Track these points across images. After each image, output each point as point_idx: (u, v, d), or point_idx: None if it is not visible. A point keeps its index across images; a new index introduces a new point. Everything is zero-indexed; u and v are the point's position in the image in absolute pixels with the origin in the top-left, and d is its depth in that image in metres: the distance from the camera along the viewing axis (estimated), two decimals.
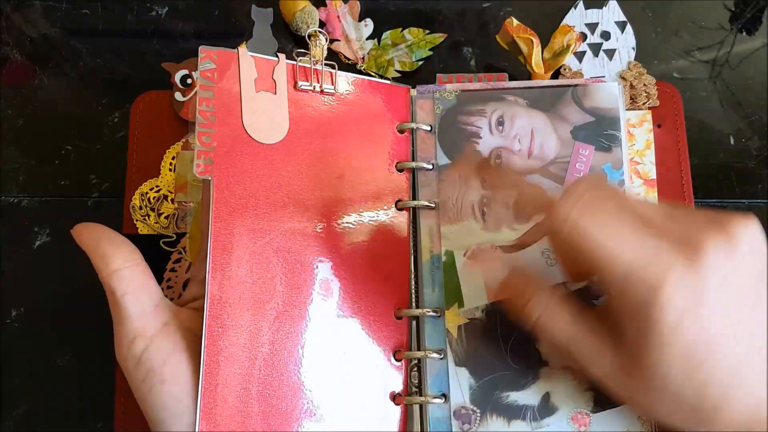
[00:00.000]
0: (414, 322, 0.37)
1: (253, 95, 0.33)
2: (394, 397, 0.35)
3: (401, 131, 0.38)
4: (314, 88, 0.35)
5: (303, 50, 0.36)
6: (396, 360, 0.36)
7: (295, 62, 0.35)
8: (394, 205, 0.37)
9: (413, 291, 0.37)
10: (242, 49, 0.33)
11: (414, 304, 0.37)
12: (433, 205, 0.37)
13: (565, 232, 0.27)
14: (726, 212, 0.27)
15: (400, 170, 0.38)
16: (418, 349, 0.36)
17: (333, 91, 0.36)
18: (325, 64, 0.36)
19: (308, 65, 0.35)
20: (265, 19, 0.44)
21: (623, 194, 0.30)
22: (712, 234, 0.26)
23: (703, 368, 0.26)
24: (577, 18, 0.44)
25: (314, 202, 0.35)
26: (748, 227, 0.27)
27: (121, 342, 0.29)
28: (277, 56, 0.35)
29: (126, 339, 0.29)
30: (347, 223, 0.36)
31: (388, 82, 0.39)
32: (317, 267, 0.34)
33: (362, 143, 0.37)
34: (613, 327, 0.28)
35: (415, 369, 0.36)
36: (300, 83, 0.35)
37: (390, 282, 0.36)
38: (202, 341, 0.30)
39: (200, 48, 0.32)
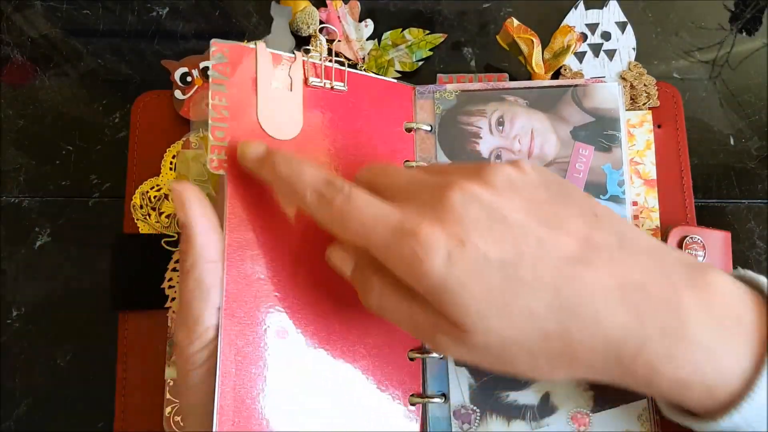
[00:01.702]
0: None
1: (269, 91, 0.33)
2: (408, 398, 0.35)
3: (408, 130, 0.38)
4: (324, 85, 0.35)
5: (308, 47, 0.36)
6: (410, 359, 0.36)
7: (305, 58, 0.35)
8: None
9: None
10: (261, 44, 0.33)
11: None
12: None
13: (326, 220, 0.28)
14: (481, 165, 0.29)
15: None
16: (419, 349, 0.36)
17: (343, 88, 0.36)
18: (335, 62, 0.36)
19: (318, 62, 0.35)
20: (284, 15, 0.44)
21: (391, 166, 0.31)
22: (459, 179, 0.27)
23: (512, 297, 0.25)
24: (577, 18, 0.44)
25: None
26: (500, 169, 0.28)
27: (193, 328, 0.29)
28: (294, 53, 0.34)
29: (198, 327, 0.29)
30: None
31: (394, 81, 0.39)
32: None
33: (371, 141, 0.37)
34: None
35: None
36: (311, 80, 0.35)
37: None
38: (219, 340, 0.30)
39: (212, 41, 0.32)
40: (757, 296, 0.27)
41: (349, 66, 0.42)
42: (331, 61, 0.35)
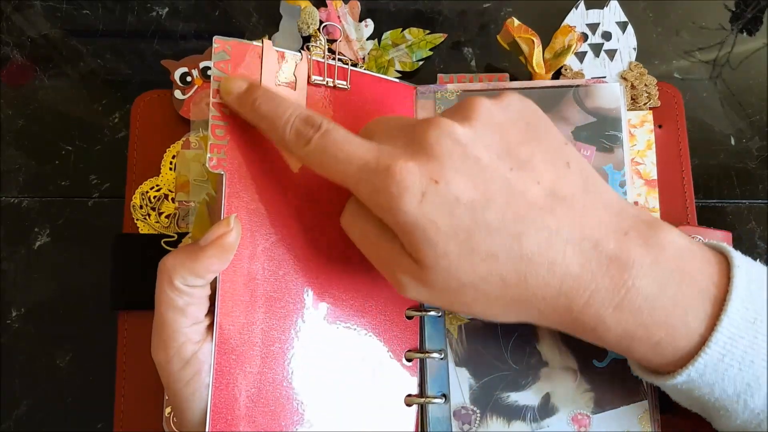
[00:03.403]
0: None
1: (273, 89, 0.33)
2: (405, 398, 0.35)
3: None
4: (327, 84, 0.35)
5: (313, 44, 0.36)
6: (407, 360, 0.36)
7: (309, 56, 0.35)
8: None
9: None
10: (267, 42, 0.33)
11: None
12: None
13: (304, 156, 0.28)
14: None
15: None
16: (419, 349, 0.36)
17: (345, 86, 0.36)
18: (338, 59, 0.36)
19: (321, 59, 0.35)
20: (293, 14, 0.43)
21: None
22: (439, 116, 0.27)
23: (477, 239, 0.26)
24: (578, 18, 0.44)
25: (326, 198, 0.34)
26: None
27: (169, 345, 0.29)
28: (300, 52, 0.34)
29: (175, 342, 0.29)
30: None
31: (396, 80, 0.39)
32: (330, 263, 0.34)
33: None
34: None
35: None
36: (314, 77, 0.35)
37: None
38: (213, 339, 0.30)
39: (214, 38, 0.32)
40: (720, 258, 0.28)
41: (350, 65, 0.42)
42: (334, 58, 0.35)
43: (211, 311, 0.30)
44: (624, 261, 0.26)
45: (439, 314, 0.36)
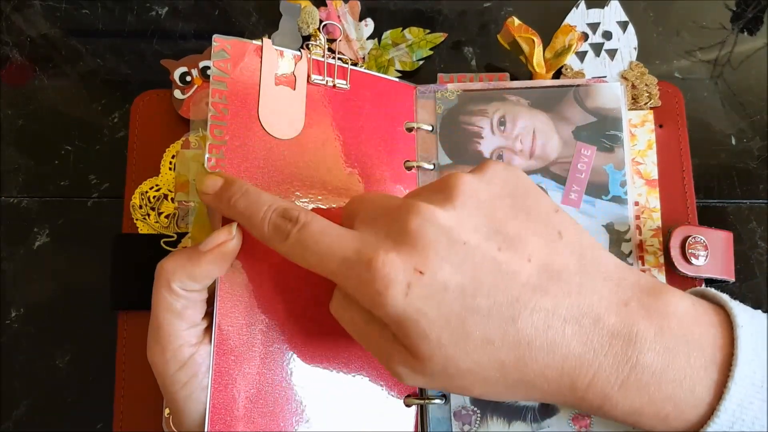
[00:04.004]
0: None
1: (272, 89, 0.33)
2: (404, 399, 0.35)
3: (409, 130, 0.38)
4: (327, 83, 0.35)
5: (311, 43, 0.36)
6: None
7: (309, 55, 0.34)
8: None
9: None
10: (267, 41, 0.33)
11: None
12: None
13: (284, 251, 0.27)
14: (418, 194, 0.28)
15: (408, 168, 0.38)
16: None
17: (345, 86, 0.36)
18: (338, 59, 0.35)
19: (321, 58, 0.35)
20: (293, 13, 0.43)
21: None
22: (419, 201, 0.26)
23: (470, 325, 0.25)
24: (578, 18, 0.44)
25: (325, 198, 0.34)
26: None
27: (166, 348, 0.29)
28: (300, 51, 0.34)
29: (172, 345, 0.29)
30: None
31: (396, 80, 0.39)
32: None
33: (372, 140, 0.36)
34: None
35: None
36: (313, 77, 0.34)
37: None
38: (212, 339, 0.29)
39: (214, 37, 0.31)
40: (720, 314, 0.27)
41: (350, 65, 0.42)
42: (334, 58, 0.35)
43: (208, 313, 0.30)
44: (627, 335, 0.25)
45: None
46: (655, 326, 0.25)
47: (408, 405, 0.35)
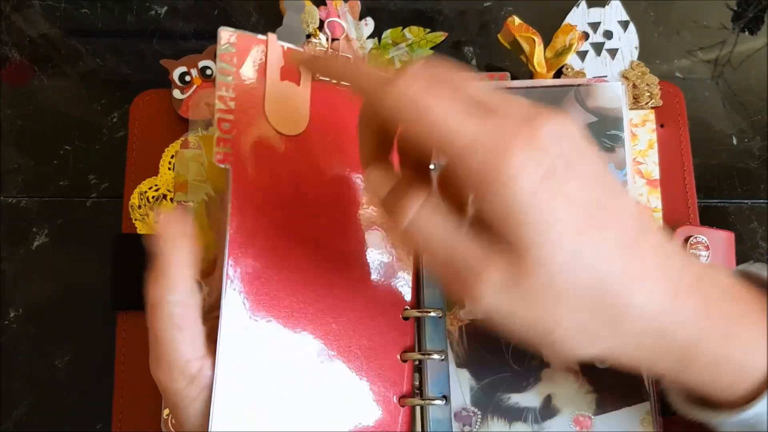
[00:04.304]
0: (416, 323, 0.37)
1: (277, 84, 0.33)
2: (399, 399, 0.35)
3: None
4: (331, 79, 0.35)
5: (314, 39, 0.35)
6: (402, 361, 0.36)
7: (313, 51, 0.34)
8: None
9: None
10: (272, 36, 0.32)
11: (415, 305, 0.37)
12: None
13: (401, 107, 0.24)
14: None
15: None
16: (419, 351, 0.36)
17: (347, 84, 0.35)
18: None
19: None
20: (297, 9, 0.43)
21: (461, 76, 0.26)
22: (545, 116, 0.24)
23: (587, 241, 0.23)
24: (579, 17, 0.44)
25: (329, 195, 0.34)
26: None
27: (174, 365, 0.28)
28: (304, 48, 0.34)
29: (179, 362, 0.28)
30: (360, 216, 0.35)
31: None
32: (332, 261, 0.34)
33: None
34: (491, 236, 0.24)
35: (416, 370, 0.36)
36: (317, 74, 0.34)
37: (398, 279, 0.36)
38: (218, 338, 0.29)
39: (220, 29, 0.31)
40: (760, 293, 0.27)
41: None
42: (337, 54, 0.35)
43: (207, 319, 0.30)
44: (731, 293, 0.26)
45: (440, 315, 0.36)
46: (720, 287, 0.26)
47: (402, 406, 0.35)
